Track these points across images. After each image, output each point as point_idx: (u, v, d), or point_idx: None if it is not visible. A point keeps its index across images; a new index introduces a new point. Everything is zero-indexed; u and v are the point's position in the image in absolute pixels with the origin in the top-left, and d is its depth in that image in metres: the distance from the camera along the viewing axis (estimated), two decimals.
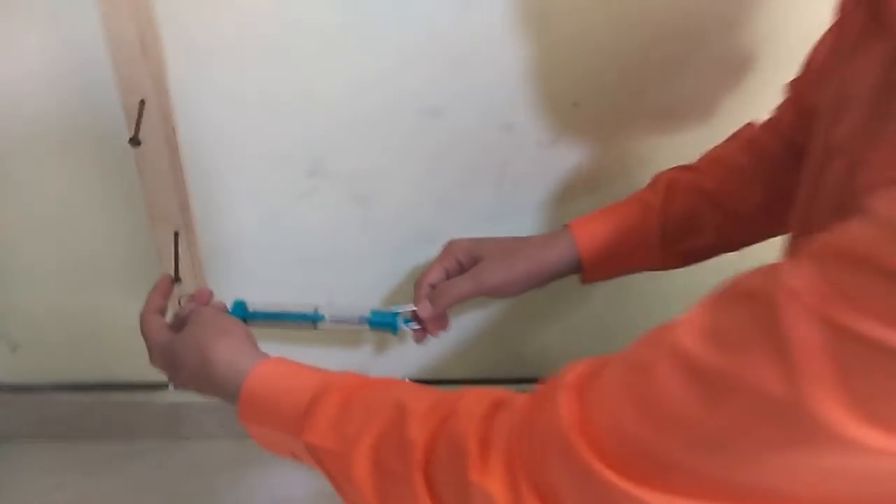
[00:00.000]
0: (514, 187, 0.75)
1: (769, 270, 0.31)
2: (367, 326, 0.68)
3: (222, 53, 0.63)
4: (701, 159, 0.65)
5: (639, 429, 0.33)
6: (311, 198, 0.73)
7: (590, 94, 0.69)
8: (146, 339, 0.58)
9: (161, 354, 0.57)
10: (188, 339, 0.55)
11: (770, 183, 0.60)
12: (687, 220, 0.62)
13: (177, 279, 0.65)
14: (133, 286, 0.79)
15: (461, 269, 0.66)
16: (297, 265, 0.79)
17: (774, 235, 0.60)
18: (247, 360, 0.52)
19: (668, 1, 0.63)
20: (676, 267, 0.65)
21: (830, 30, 0.51)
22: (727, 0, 0.64)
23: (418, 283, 0.67)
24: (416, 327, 0.67)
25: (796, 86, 0.60)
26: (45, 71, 0.63)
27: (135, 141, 0.54)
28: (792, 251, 0.48)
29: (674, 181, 0.64)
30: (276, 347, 0.55)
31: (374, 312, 0.68)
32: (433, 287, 0.66)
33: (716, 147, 0.65)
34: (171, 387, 0.88)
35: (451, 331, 0.78)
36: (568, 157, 0.73)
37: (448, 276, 0.66)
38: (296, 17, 0.62)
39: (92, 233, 0.76)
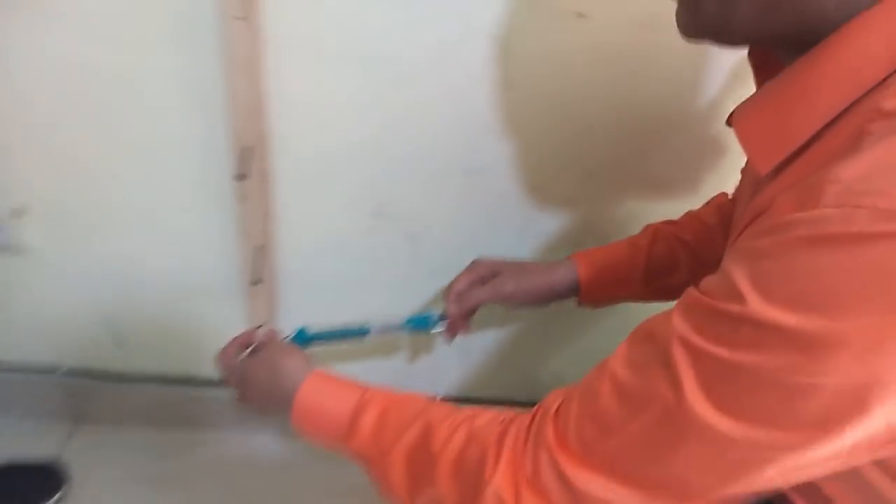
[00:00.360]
0: (535, 236, 0.92)
1: (666, 315, 0.45)
2: (406, 331, 0.82)
3: (313, 116, 0.82)
4: (682, 216, 0.80)
5: (592, 434, 0.46)
6: (372, 234, 0.91)
7: (601, 167, 0.86)
8: (223, 364, 0.69)
9: (236, 375, 0.68)
10: (261, 359, 0.66)
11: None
12: (666, 262, 0.78)
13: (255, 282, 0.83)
14: (219, 296, 0.99)
15: (482, 281, 0.80)
16: (355, 287, 0.96)
17: None
18: (298, 373, 0.62)
19: (662, 98, 0.80)
20: (657, 300, 0.79)
21: None
22: (706, 101, 0.80)
23: (447, 290, 0.81)
24: (444, 328, 0.81)
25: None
26: (178, 121, 0.83)
27: (241, 177, 0.72)
28: None
29: (659, 230, 0.79)
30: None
31: (411, 317, 0.83)
32: (459, 294, 0.80)
33: (695, 209, 0.80)
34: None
35: (475, 355, 0.93)
36: (580, 215, 0.90)
37: (471, 286, 0.80)
38: (364, 97, 0.81)
39: (191, 251, 0.95)
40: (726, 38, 0.46)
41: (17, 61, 0.79)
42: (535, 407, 0.52)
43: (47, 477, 1.04)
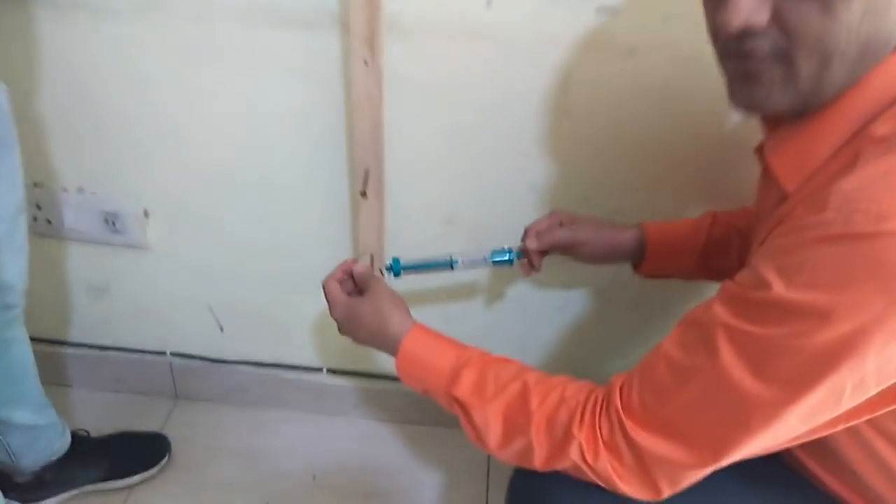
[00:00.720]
0: None
1: (706, 305, 0.56)
2: (490, 264, 0.88)
3: (417, 149, 0.96)
4: (736, 209, 0.89)
5: (651, 401, 0.58)
6: (445, 238, 1.04)
7: (645, 183, 0.97)
8: (329, 296, 0.79)
9: (343, 309, 0.78)
10: (369, 303, 0.76)
11: None
12: (722, 244, 0.86)
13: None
14: (317, 300, 1.13)
15: (561, 225, 0.88)
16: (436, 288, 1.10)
17: None
18: (401, 327, 0.74)
19: (699, 124, 0.91)
20: (706, 279, 0.89)
21: None
22: (732, 125, 0.91)
23: (528, 228, 0.88)
24: (525, 260, 0.88)
25: None
26: (309, 149, 0.99)
27: (363, 194, 0.87)
28: None
29: (718, 216, 0.89)
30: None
31: (494, 251, 0.88)
32: (539, 232, 0.87)
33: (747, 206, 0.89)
34: (324, 371, 1.21)
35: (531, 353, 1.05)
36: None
37: (550, 227, 0.87)
38: (451, 127, 0.94)
39: (299, 253, 1.10)
40: (810, 103, 0.54)
41: (162, 90, 0.96)
42: (607, 385, 0.64)
43: (154, 446, 1.20)
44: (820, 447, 0.60)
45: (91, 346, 1.25)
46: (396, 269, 0.88)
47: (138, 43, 0.92)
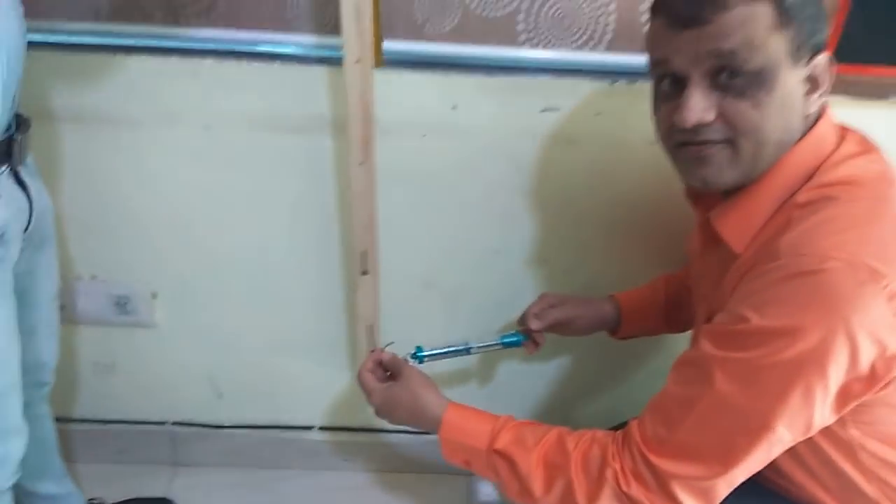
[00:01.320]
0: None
1: (694, 347, 0.71)
2: (501, 346, 1.03)
3: (400, 228, 1.12)
4: (680, 270, 1.05)
5: (663, 432, 0.71)
6: (424, 300, 1.20)
7: (593, 244, 1.16)
8: (366, 385, 0.91)
9: (381, 395, 0.90)
10: (404, 387, 0.89)
11: None
12: (677, 301, 1.02)
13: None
14: (314, 358, 1.26)
15: (552, 306, 1.03)
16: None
17: None
18: (441, 404, 0.86)
19: (633, 194, 1.11)
20: (670, 332, 1.05)
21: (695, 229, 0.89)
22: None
23: (526, 312, 1.02)
24: (530, 342, 1.03)
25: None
26: (304, 235, 1.14)
27: (365, 273, 1.03)
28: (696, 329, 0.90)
29: (669, 278, 1.05)
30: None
31: (503, 336, 1.04)
32: (537, 314, 1.01)
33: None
34: (316, 428, 1.33)
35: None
36: (577, 279, 1.19)
37: (544, 309, 1.02)
38: (429, 210, 1.12)
39: (296, 326, 1.24)
40: (747, 179, 0.71)
41: (172, 187, 1.10)
42: (625, 429, 0.76)
43: None
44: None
45: (94, 421, 1.34)
46: (420, 356, 1.01)
47: (152, 148, 1.07)
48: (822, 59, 0.69)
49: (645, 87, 1.01)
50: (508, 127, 1.06)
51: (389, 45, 1.01)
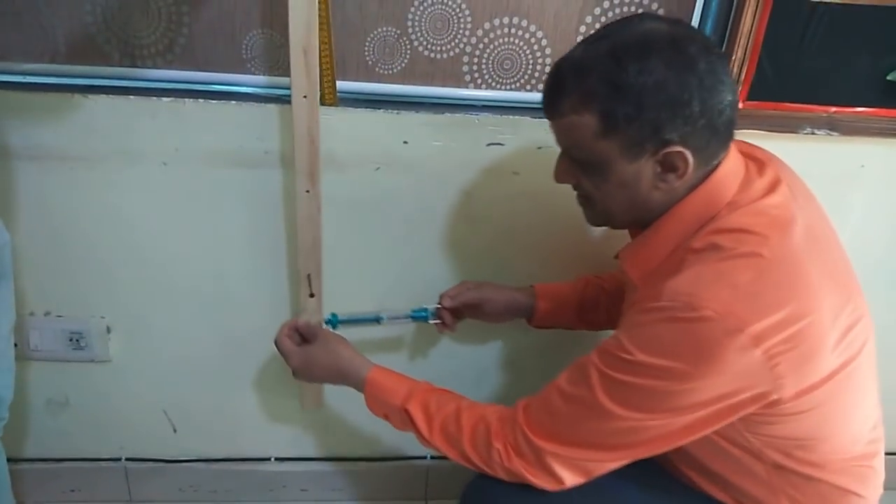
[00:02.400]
0: None
1: (589, 355, 0.79)
2: (410, 320, 1.10)
3: (349, 255, 1.17)
4: (608, 272, 1.13)
5: (546, 419, 0.82)
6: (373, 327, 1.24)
7: (533, 272, 1.23)
8: (284, 349, 1.01)
9: (298, 356, 1.00)
10: (321, 347, 1.00)
11: None
12: (592, 303, 1.10)
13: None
14: (268, 388, 1.28)
15: (467, 289, 1.10)
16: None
17: None
18: (363, 363, 0.97)
19: (569, 225, 1.19)
20: (584, 329, 1.12)
21: None
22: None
23: (443, 293, 1.10)
24: (439, 321, 1.10)
25: None
26: (254, 262, 1.17)
27: (312, 296, 1.07)
28: None
29: (589, 280, 1.13)
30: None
31: (414, 310, 1.10)
32: (452, 295, 1.09)
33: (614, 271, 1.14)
34: (272, 459, 1.34)
35: None
36: None
37: (460, 291, 1.10)
38: (381, 238, 1.16)
39: (249, 352, 1.25)
40: (615, 227, 0.87)
41: (128, 221, 1.12)
42: (514, 406, 0.87)
43: None
44: (682, 453, 0.84)
45: (47, 460, 1.32)
46: (335, 321, 1.09)
47: (109, 185, 1.09)
48: (672, 151, 0.73)
49: None
50: (456, 160, 1.12)
51: (343, 85, 1.07)
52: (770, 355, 0.70)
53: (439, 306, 1.10)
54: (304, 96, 0.98)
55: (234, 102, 1.05)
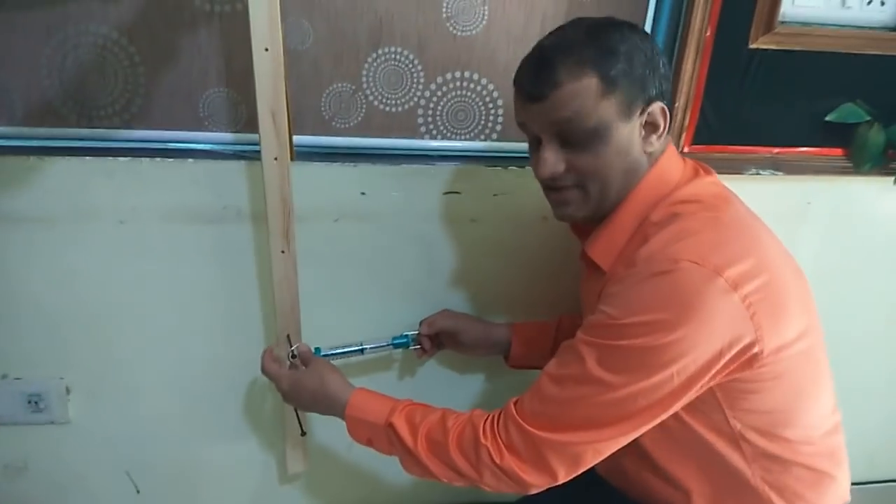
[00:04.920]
0: None
1: (573, 338, 0.81)
2: (391, 347, 1.13)
3: (321, 310, 1.17)
4: (577, 314, 1.14)
5: (539, 406, 0.81)
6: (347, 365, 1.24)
7: (489, 304, 1.24)
8: (273, 375, 1.01)
9: (287, 380, 0.99)
10: (310, 372, 0.99)
11: None
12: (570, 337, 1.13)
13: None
14: (234, 447, 1.26)
15: (444, 318, 1.13)
16: None
17: None
18: (347, 388, 0.95)
19: (526, 258, 1.21)
20: None
21: None
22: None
23: (422, 322, 1.13)
24: (418, 346, 1.13)
25: None
26: (223, 319, 1.17)
27: (292, 355, 1.07)
28: None
29: (564, 319, 1.14)
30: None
31: (394, 338, 1.14)
32: (430, 323, 1.12)
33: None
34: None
35: None
36: None
37: (439, 319, 1.12)
38: (352, 286, 1.17)
39: (213, 410, 1.24)
40: (602, 210, 0.86)
41: (86, 281, 1.12)
42: (503, 407, 0.86)
43: None
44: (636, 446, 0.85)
45: None
46: (318, 355, 1.08)
47: (67, 245, 1.09)
48: (656, 107, 0.81)
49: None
50: (415, 210, 1.14)
51: (300, 139, 1.09)
52: (748, 303, 0.73)
53: (418, 332, 1.13)
54: (276, 158, 0.99)
55: (190, 160, 1.06)
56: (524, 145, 1.15)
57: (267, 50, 0.92)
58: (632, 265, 0.77)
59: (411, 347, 1.14)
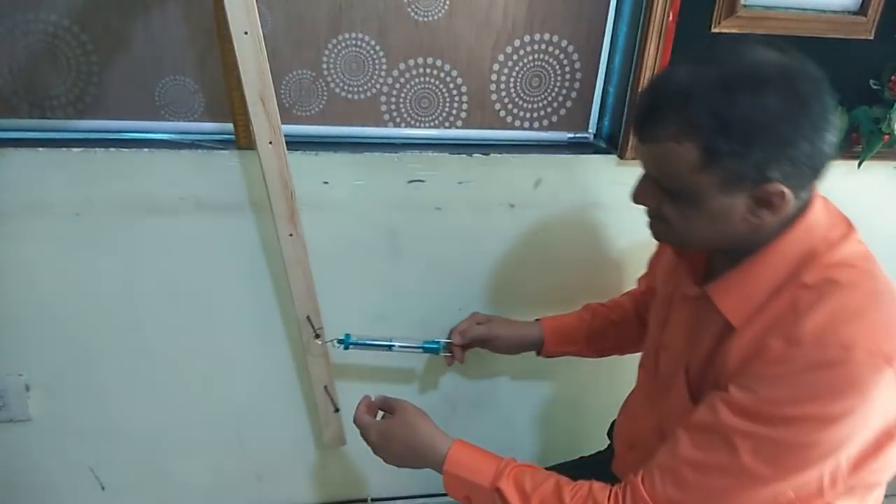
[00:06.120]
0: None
1: (710, 414, 0.71)
2: (420, 350, 1.11)
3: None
4: (610, 301, 1.13)
5: (675, 494, 0.73)
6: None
7: (432, 316, 1.23)
8: (361, 423, 0.92)
9: (376, 431, 0.90)
10: (400, 420, 0.90)
11: (639, 326, 1.09)
12: (599, 334, 1.10)
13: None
14: (201, 442, 1.25)
15: (477, 324, 1.09)
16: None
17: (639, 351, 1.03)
18: (442, 439, 0.87)
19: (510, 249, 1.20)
20: (596, 356, 1.12)
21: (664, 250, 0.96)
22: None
23: (453, 329, 1.10)
24: (448, 353, 1.11)
25: (649, 268, 1.07)
26: (188, 311, 1.15)
27: (317, 335, 1.08)
28: (645, 365, 0.98)
29: (596, 310, 1.11)
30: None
31: (426, 341, 1.11)
32: (462, 331, 1.09)
33: (617, 297, 1.14)
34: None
35: None
36: None
37: (471, 326, 1.09)
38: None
39: (184, 405, 1.22)
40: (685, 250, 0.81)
41: (43, 276, 1.09)
42: (623, 483, 0.79)
43: None
44: None
45: None
46: (347, 342, 1.08)
47: (21, 238, 1.06)
48: (773, 188, 0.68)
49: (498, 157, 1.11)
50: (378, 199, 1.13)
51: None
52: None
53: (449, 341, 1.11)
54: (270, 142, 0.97)
55: (146, 150, 1.03)
56: (490, 133, 1.16)
57: (247, 33, 0.89)
58: (795, 343, 0.67)
59: (441, 354, 1.13)
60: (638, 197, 0.77)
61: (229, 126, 1.04)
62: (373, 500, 1.40)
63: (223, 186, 1.07)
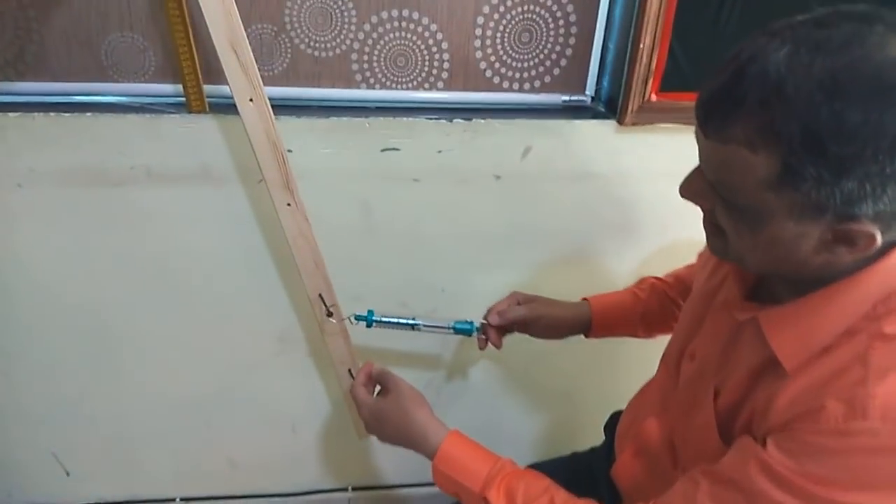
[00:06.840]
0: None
1: (740, 468, 0.60)
2: (451, 331, 0.98)
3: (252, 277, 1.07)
4: (669, 275, 0.99)
5: None
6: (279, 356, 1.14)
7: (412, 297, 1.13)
8: (357, 398, 0.87)
9: (369, 409, 0.86)
10: (394, 402, 0.84)
11: None
12: (659, 313, 0.97)
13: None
14: (168, 423, 1.18)
15: (518, 304, 0.96)
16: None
17: None
18: (436, 430, 0.80)
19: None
20: (646, 337, 0.99)
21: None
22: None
23: (491, 308, 0.96)
24: (483, 336, 0.97)
25: (699, 258, 0.90)
26: (142, 283, 1.07)
27: (329, 313, 0.99)
28: (667, 363, 0.83)
29: (655, 286, 0.98)
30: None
31: (457, 321, 0.98)
32: (501, 311, 0.94)
33: (678, 270, 0.99)
34: (177, 500, 1.24)
35: None
36: None
37: (510, 307, 0.95)
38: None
39: (145, 386, 1.15)
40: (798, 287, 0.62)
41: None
42: None
43: None
44: None
45: None
46: (370, 320, 0.98)
47: None
48: (861, 228, 0.54)
49: (482, 123, 0.99)
50: (349, 168, 1.02)
51: (213, 89, 0.96)
52: None
53: (485, 322, 0.97)
54: (250, 99, 0.85)
55: (89, 114, 0.94)
56: (474, 95, 1.05)
57: None
58: (860, 413, 0.55)
59: (474, 335, 0.99)
60: (686, 192, 0.62)
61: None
62: (353, 488, 1.32)
63: (177, 155, 0.97)
